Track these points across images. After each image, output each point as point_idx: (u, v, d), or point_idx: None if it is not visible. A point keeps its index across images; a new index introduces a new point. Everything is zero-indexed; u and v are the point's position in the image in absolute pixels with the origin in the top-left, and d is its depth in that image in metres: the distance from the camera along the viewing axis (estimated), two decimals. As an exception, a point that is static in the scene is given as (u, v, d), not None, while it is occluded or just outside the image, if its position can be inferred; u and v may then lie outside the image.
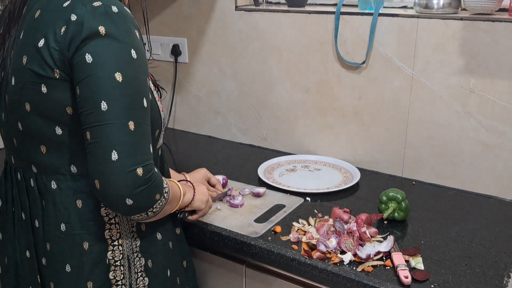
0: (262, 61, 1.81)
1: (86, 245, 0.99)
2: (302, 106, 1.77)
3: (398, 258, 1.12)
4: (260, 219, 1.31)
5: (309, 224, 1.29)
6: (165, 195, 0.95)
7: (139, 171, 0.87)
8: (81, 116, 0.88)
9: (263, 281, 1.26)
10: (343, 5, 1.63)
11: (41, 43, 0.89)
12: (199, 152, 1.85)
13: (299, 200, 1.43)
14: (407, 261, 1.13)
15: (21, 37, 0.95)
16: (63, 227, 0.98)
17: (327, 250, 1.15)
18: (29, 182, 1.01)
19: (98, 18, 0.87)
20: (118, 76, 0.86)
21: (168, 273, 1.11)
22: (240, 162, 1.75)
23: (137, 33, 0.92)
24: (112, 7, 0.89)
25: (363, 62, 1.61)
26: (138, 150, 0.88)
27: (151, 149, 0.92)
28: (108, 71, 0.86)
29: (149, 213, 0.93)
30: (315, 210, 1.37)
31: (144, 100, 0.90)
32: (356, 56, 1.62)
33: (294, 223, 1.29)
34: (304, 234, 1.23)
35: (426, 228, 1.29)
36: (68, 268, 0.99)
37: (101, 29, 0.86)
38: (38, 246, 1.02)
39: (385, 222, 1.31)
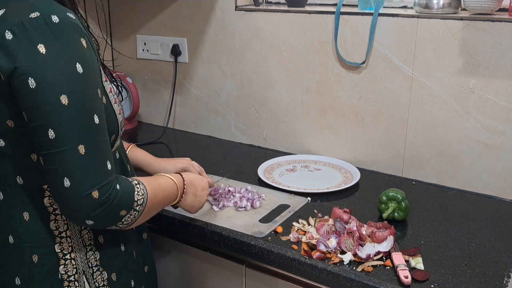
0: (262, 61, 1.81)
1: (35, 258, 0.94)
2: (302, 106, 1.78)
3: (398, 258, 1.12)
4: (265, 219, 1.32)
5: (309, 224, 1.29)
6: (137, 207, 0.93)
7: (95, 194, 0.85)
8: (34, 141, 0.85)
9: (263, 281, 1.26)
10: (343, 5, 1.64)
11: None
12: (199, 152, 1.85)
13: (303, 200, 1.43)
14: (407, 261, 1.13)
15: None
16: (11, 239, 0.94)
17: (327, 250, 1.15)
18: None
19: (37, 34, 0.80)
20: (64, 99, 0.82)
21: (132, 284, 1.07)
22: (240, 162, 1.75)
23: (84, 41, 0.86)
24: (52, 17, 0.82)
25: (363, 62, 1.61)
26: (91, 173, 0.85)
27: (109, 165, 0.88)
28: (53, 95, 0.81)
29: (120, 225, 0.92)
30: (315, 210, 1.37)
31: (95, 117, 0.86)
32: (356, 56, 1.62)
33: (294, 223, 1.29)
34: (304, 234, 1.23)
35: (426, 228, 1.29)
36: (17, 281, 0.95)
37: (41, 48, 0.80)
38: None
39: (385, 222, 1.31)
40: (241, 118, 1.93)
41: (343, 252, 1.15)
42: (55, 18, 0.82)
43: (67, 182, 0.84)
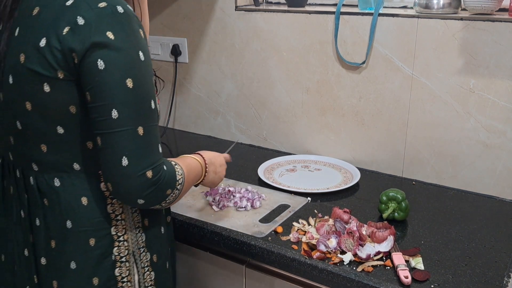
0: (262, 61, 1.81)
1: (92, 242, 0.98)
2: (302, 106, 1.78)
3: (398, 258, 1.12)
4: (265, 219, 1.32)
5: (309, 224, 1.29)
6: (178, 186, 0.98)
7: (149, 174, 0.90)
8: (92, 121, 0.90)
9: (263, 281, 1.26)
10: (343, 5, 1.64)
11: (43, 42, 0.87)
12: (199, 152, 1.85)
13: (303, 200, 1.43)
14: (407, 261, 1.13)
15: (16, 34, 0.92)
16: (69, 224, 0.97)
17: (327, 250, 1.15)
18: (28, 180, 0.99)
19: (105, 21, 0.86)
20: (129, 83, 0.88)
21: (167, 265, 1.13)
22: (240, 162, 1.75)
23: (142, 32, 0.92)
24: (118, 7, 0.88)
25: (363, 62, 1.61)
26: (147, 154, 0.90)
27: (160, 148, 0.94)
28: (120, 77, 0.87)
29: (163, 204, 0.98)
30: (315, 210, 1.37)
31: (152, 102, 0.92)
32: (356, 56, 1.62)
33: (294, 223, 1.29)
34: (304, 234, 1.23)
35: (426, 228, 1.29)
36: (73, 265, 0.98)
37: (110, 35, 0.86)
38: (38, 245, 1.01)
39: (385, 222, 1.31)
40: (241, 118, 1.93)
41: (343, 252, 1.15)
42: (120, 9, 0.88)
43: (125, 161, 0.88)
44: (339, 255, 1.15)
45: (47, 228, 0.99)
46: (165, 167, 0.94)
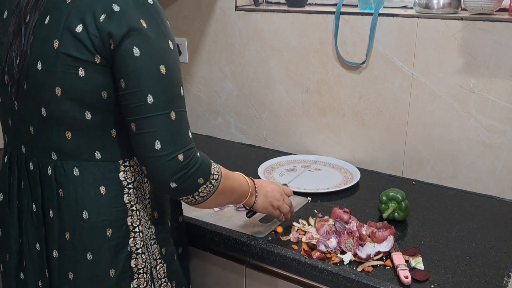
0: (262, 61, 1.81)
1: (109, 232, 0.99)
2: (302, 106, 1.78)
3: (398, 258, 1.12)
4: (265, 219, 1.31)
5: (309, 224, 1.29)
6: (213, 182, 0.99)
7: (180, 157, 0.92)
8: (126, 108, 0.92)
9: (263, 281, 1.26)
10: (343, 5, 1.64)
11: (79, 28, 0.89)
12: (199, 152, 1.85)
13: (303, 200, 1.43)
14: (407, 261, 1.13)
15: (46, 22, 0.93)
16: (85, 214, 0.98)
17: (327, 250, 1.15)
18: (45, 170, 0.99)
19: (138, 10, 0.89)
20: (162, 69, 0.91)
21: (175, 258, 1.14)
22: (240, 162, 1.75)
23: (168, 23, 0.96)
24: None
25: (363, 62, 1.61)
26: (178, 138, 0.93)
27: (190, 133, 0.97)
28: (154, 64, 0.90)
29: (196, 197, 0.98)
30: (315, 210, 1.37)
31: (181, 89, 0.96)
32: (356, 56, 1.62)
33: (294, 223, 1.29)
34: (304, 234, 1.23)
35: (426, 228, 1.29)
36: (89, 256, 0.99)
37: (143, 23, 0.89)
38: (50, 238, 1.01)
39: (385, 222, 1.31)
40: (241, 118, 1.93)
41: (343, 252, 1.15)
42: (150, 0, 0.92)
43: (158, 145, 0.91)
44: (339, 255, 1.15)
45: (62, 220, 0.99)
46: (198, 154, 0.97)
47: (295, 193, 1.46)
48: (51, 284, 1.03)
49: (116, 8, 0.88)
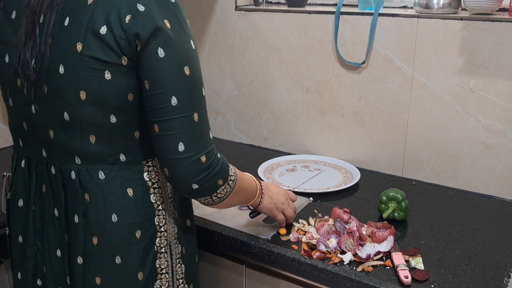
0: (262, 61, 1.81)
1: (138, 234, 0.98)
2: (302, 106, 1.78)
3: (398, 258, 1.12)
4: (269, 220, 1.31)
5: (309, 224, 1.29)
6: (230, 182, 0.99)
7: (203, 158, 0.92)
8: (149, 109, 0.91)
9: (263, 281, 1.26)
10: (343, 5, 1.64)
11: (103, 30, 0.86)
12: (199, 152, 1.85)
13: (306, 201, 1.43)
14: (407, 261, 1.13)
15: (66, 23, 0.89)
16: (114, 217, 0.96)
17: (327, 250, 1.15)
18: (68, 175, 0.97)
19: (162, 10, 0.87)
20: (187, 70, 0.89)
21: (196, 259, 1.14)
22: (240, 162, 1.75)
23: (188, 22, 0.94)
24: None
25: (363, 62, 1.61)
26: (200, 139, 0.93)
27: (211, 134, 0.96)
28: (179, 65, 0.88)
29: (214, 197, 0.98)
30: (315, 210, 1.37)
31: (203, 89, 0.95)
32: (356, 56, 1.62)
33: (294, 223, 1.29)
34: (304, 234, 1.23)
35: (426, 228, 1.29)
36: (118, 260, 0.97)
37: (166, 23, 0.87)
38: (74, 244, 0.98)
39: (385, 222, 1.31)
40: (241, 118, 1.93)
41: (343, 252, 1.15)
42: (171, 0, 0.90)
43: (181, 147, 0.90)
44: (339, 255, 1.15)
45: (88, 224, 0.97)
46: (218, 155, 0.97)
47: (295, 193, 1.46)
48: None
49: (141, 8, 0.86)
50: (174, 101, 0.89)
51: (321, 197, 1.46)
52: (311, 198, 1.44)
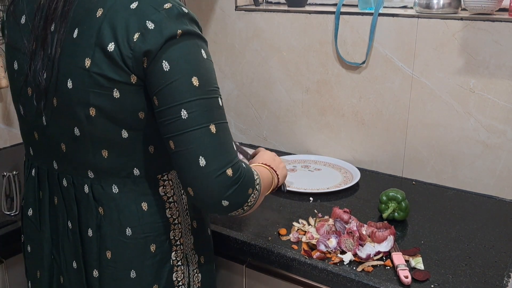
0: (262, 61, 1.81)
1: (153, 248, 0.96)
2: (302, 106, 1.78)
3: (398, 258, 1.12)
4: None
5: (309, 224, 1.29)
6: (257, 187, 0.94)
7: (229, 172, 0.86)
8: (161, 126, 0.86)
9: (263, 281, 1.26)
10: (343, 5, 1.64)
11: (111, 47, 0.83)
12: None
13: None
14: (407, 261, 1.13)
15: (74, 35, 0.87)
16: (128, 231, 0.94)
17: (327, 250, 1.15)
18: (81, 188, 0.95)
19: (173, 22, 0.84)
20: (195, 81, 0.84)
21: (214, 267, 1.14)
22: (240, 162, 1.75)
23: (200, 31, 0.90)
24: (183, 8, 0.87)
25: (363, 62, 1.61)
26: (223, 152, 0.86)
27: (235, 146, 0.91)
28: (186, 76, 0.84)
29: (245, 207, 0.92)
30: (315, 210, 1.37)
31: (219, 99, 0.89)
32: (356, 56, 1.62)
33: (294, 223, 1.29)
34: (304, 234, 1.23)
35: (426, 228, 1.29)
36: (133, 274, 0.96)
37: (176, 34, 0.83)
38: (89, 257, 0.97)
39: (385, 222, 1.31)
40: (241, 118, 1.93)
41: (343, 252, 1.15)
42: (183, 10, 0.86)
43: (202, 161, 0.84)
44: (339, 255, 1.15)
45: (102, 238, 0.95)
46: (243, 165, 0.91)
47: (295, 193, 1.46)
48: None
49: (150, 25, 0.83)
50: (184, 113, 0.84)
51: (321, 197, 1.46)
52: (311, 198, 1.44)
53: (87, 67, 0.85)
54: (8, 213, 1.30)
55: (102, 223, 0.95)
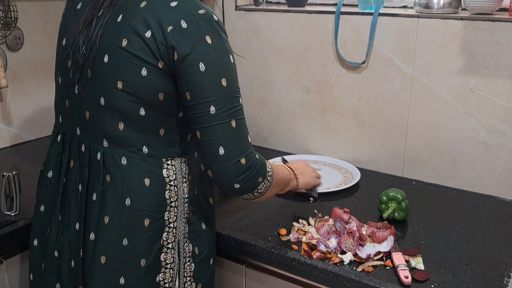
0: (262, 61, 1.81)
1: (146, 222, 1.03)
2: (302, 106, 1.77)
3: (398, 258, 1.12)
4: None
5: (309, 224, 1.29)
6: (269, 178, 1.08)
7: (242, 161, 1.01)
8: (191, 118, 1.00)
9: (263, 281, 1.26)
10: (343, 5, 1.64)
11: (148, 34, 0.95)
12: (199, 152, 1.85)
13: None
14: (407, 261, 1.13)
15: (118, 19, 0.99)
16: (127, 201, 1.02)
17: (327, 250, 1.15)
18: (94, 155, 1.05)
19: (205, 27, 0.96)
20: (224, 82, 0.98)
21: (211, 262, 1.18)
22: (240, 162, 1.75)
23: (228, 38, 1.02)
24: (214, 15, 0.98)
25: (363, 62, 1.61)
26: (239, 143, 1.01)
27: (250, 138, 1.04)
28: (217, 78, 0.97)
29: (255, 193, 1.06)
30: (315, 210, 1.37)
31: (240, 98, 1.03)
32: (356, 56, 1.62)
33: (294, 223, 1.29)
34: (304, 234, 1.23)
35: (426, 228, 1.29)
36: (125, 241, 1.03)
37: (208, 39, 0.96)
38: (89, 220, 1.05)
39: (385, 222, 1.31)
40: (241, 118, 1.93)
41: (343, 252, 1.15)
42: (215, 17, 0.99)
43: (221, 150, 0.99)
44: (339, 255, 1.15)
45: (103, 204, 1.03)
46: (257, 156, 1.05)
47: (295, 193, 1.46)
48: (83, 266, 1.06)
49: (183, 24, 0.94)
50: (212, 109, 0.97)
51: (321, 197, 1.46)
52: (311, 198, 1.44)
53: (123, 46, 0.97)
54: (8, 213, 1.30)
55: (107, 190, 1.03)
